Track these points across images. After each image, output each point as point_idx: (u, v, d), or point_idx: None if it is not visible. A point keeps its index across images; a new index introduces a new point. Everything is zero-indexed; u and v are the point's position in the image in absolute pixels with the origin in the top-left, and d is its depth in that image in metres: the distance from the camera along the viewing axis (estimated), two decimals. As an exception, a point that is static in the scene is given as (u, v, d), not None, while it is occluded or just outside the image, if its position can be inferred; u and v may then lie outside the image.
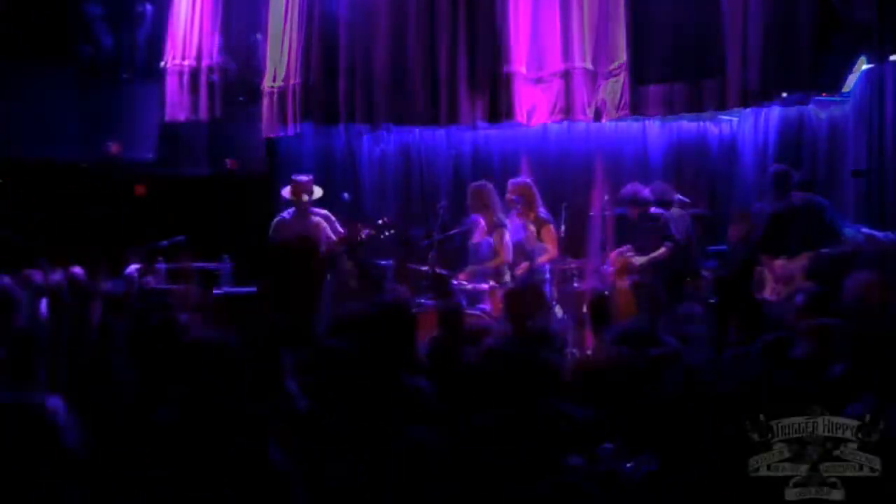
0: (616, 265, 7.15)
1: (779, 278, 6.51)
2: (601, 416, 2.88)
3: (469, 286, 7.04)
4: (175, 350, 2.69)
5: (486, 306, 6.77)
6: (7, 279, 5.76)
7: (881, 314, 3.45)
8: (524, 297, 4.35)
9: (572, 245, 7.94)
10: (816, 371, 3.09)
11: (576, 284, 7.18)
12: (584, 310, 4.26)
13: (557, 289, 7.19)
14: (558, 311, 6.76)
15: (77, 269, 7.04)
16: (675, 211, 7.43)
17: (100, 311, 4.39)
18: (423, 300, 6.98)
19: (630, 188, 7.34)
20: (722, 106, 8.18)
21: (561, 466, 2.19)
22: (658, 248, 7.07)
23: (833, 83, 7.00)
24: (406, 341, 3.08)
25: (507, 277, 6.92)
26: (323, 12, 8.32)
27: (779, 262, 6.54)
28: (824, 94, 7.49)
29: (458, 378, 2.90)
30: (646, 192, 7.31)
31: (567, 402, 3.10)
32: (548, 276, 7.13)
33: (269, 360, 3.13)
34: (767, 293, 6.55)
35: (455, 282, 7.08)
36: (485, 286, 6.88)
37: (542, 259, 7.05)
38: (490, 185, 7.29)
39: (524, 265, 6.95)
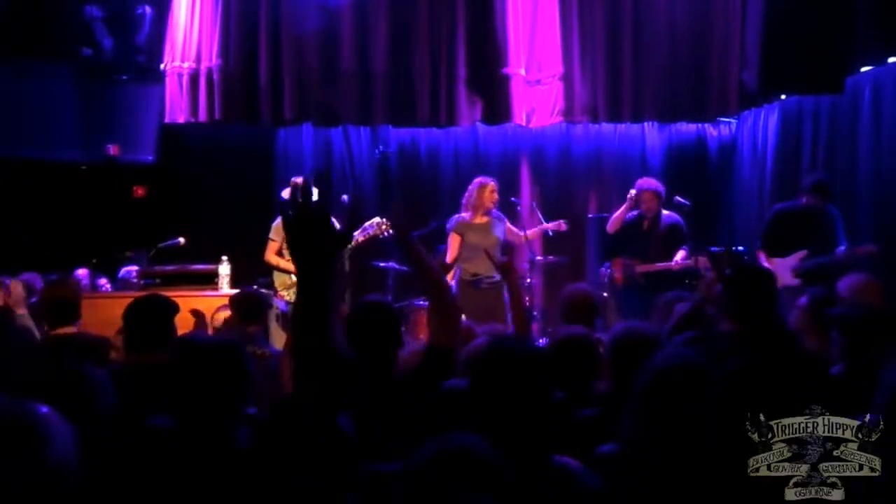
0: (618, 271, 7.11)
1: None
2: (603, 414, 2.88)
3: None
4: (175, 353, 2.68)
5: None
6: (7, 279, 5.78)
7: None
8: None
9: (562, 245, 7.96)
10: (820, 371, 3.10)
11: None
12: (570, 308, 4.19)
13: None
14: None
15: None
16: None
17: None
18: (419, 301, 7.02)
19: (653, 181, 7.22)
20: (722, 109, 8.22)
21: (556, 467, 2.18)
22: (670, 253, 6.99)
23: (833, 84, 7.01)
24: (393, 342, 3.06)
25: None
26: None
27: (775, 260, 6.62)
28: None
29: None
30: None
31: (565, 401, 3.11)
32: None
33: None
34: None
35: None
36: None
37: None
38: None
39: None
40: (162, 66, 8.31)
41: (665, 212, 7.15)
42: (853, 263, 5.98)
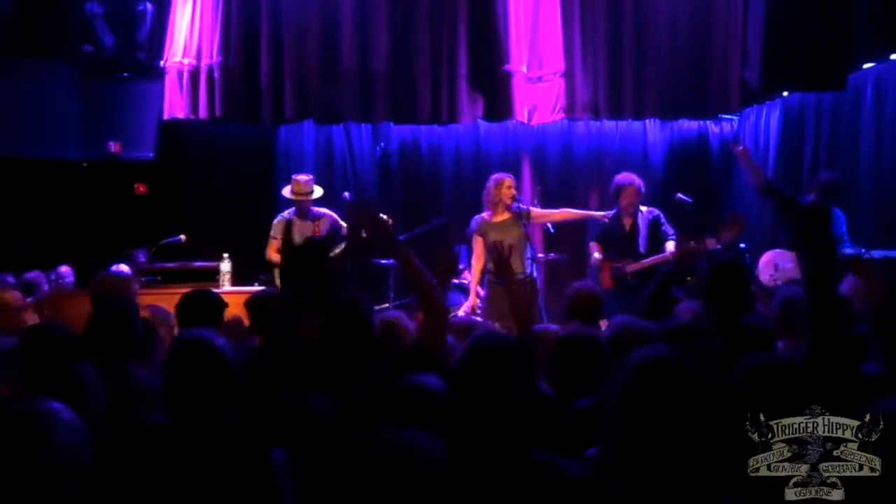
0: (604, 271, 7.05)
1: (777, 266, 6.66)
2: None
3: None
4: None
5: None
6: (10, 277, 5.79)
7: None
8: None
9: (563, 242, 7.94)
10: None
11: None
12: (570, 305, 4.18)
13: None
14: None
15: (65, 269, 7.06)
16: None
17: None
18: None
19: (634, 176, 7.08)
20: (724, 106, 8.20)
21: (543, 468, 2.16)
22: (657, 247, 6.88)
23: (835, 81, 7.00)
24: (363, 339, 3.05)
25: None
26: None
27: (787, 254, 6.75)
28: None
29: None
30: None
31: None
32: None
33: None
34: (765, 279, 6.78)
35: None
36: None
37: None
38: None
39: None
40: (162, 63, 8.29)
41: (643, 208, 7.01)
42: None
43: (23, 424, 1.89)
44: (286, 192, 7.46)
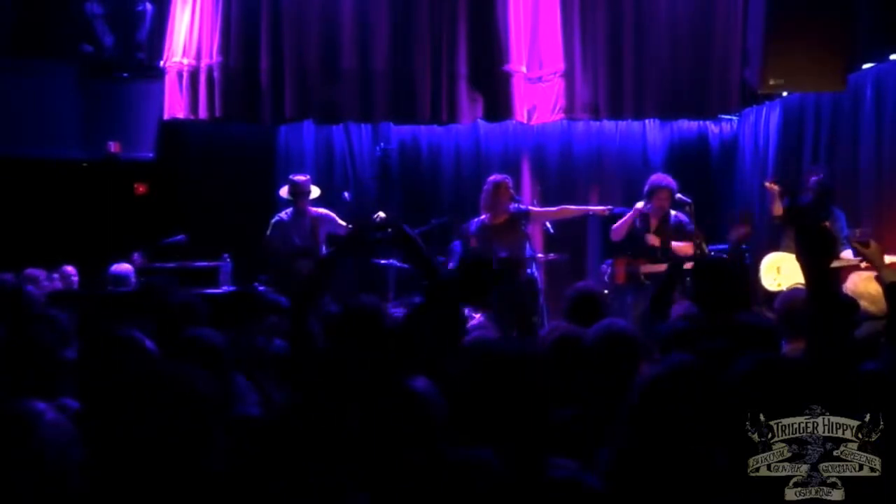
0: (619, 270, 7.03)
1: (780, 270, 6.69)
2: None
3: None
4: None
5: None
6: (10, 276, 5.77)
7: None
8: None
9: (563, 242, 7.93)
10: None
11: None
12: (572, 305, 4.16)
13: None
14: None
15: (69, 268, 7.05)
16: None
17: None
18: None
19: (669, 178, 7.06)
20: (724, 106, 8.21)
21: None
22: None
23: (835, 82, 6.99)
24: (377, 344, 3.03)
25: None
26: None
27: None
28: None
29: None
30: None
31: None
32: None
33: None
34: (768, 283, 6.81)
35: None
36: None
37: None
38: None
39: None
40: (162, 63, 8.29)
41: (672, 211, 7.03)
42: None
43: (5, 425, 1.88)
44: (284, 192, 7.47)
